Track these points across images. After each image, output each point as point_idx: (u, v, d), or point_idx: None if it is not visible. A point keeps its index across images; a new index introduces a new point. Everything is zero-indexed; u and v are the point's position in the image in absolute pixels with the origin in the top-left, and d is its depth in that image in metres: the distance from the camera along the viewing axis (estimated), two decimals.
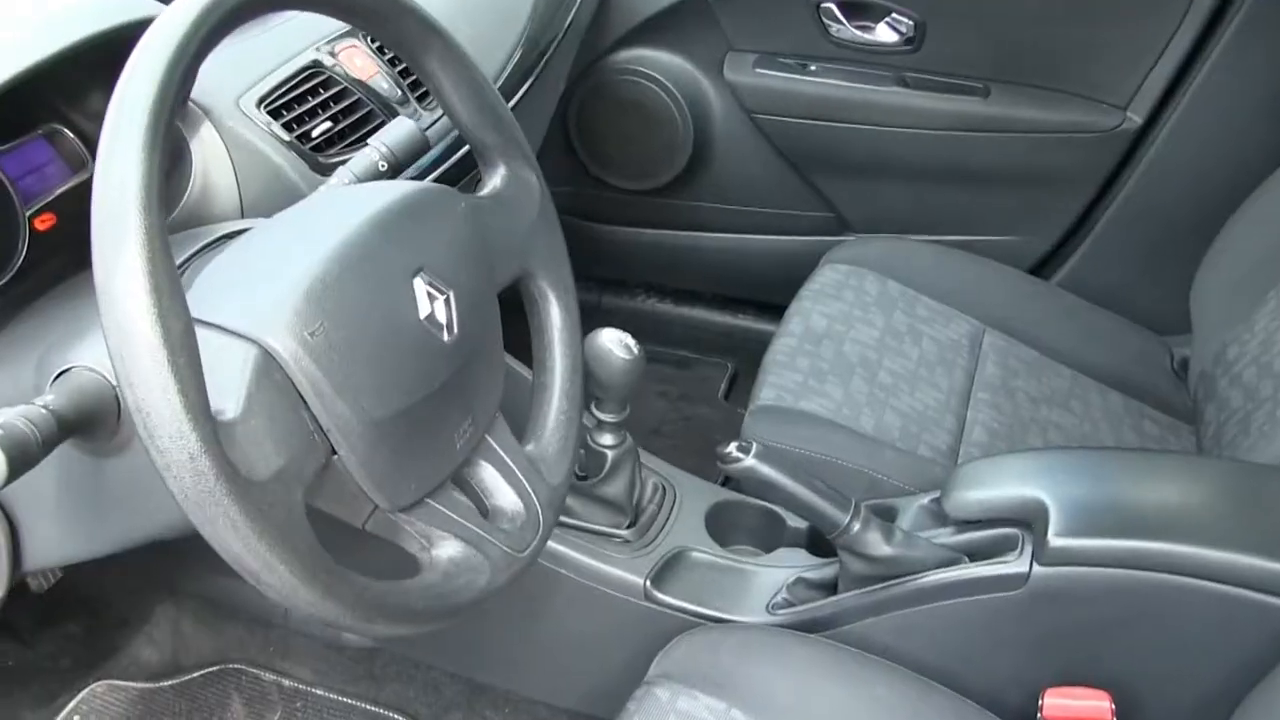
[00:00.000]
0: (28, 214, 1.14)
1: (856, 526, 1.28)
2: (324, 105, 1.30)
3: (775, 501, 1.31)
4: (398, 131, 1.14)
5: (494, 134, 1.05)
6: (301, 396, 0.82)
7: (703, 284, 2.47)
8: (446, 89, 1.01)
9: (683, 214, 2.36)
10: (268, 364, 0.81)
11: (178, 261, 0.96)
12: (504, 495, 1.01)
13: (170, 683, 1.70)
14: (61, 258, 1.15)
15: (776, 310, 1.90)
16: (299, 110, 1.28)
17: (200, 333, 0.81)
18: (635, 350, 1.38)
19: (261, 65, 1.28)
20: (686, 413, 2.34)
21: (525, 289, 1.10)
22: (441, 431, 0.93)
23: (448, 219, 0.95)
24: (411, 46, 0.99)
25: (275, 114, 1.25)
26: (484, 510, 1.01)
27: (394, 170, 1.12)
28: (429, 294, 0.90)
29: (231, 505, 0.73)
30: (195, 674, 1.71)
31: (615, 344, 1.38)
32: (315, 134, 1.27)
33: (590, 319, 1.10)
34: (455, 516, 0.94)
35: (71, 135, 1.19)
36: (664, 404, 2.37)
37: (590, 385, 1.40)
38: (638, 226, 2.41)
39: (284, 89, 1.27)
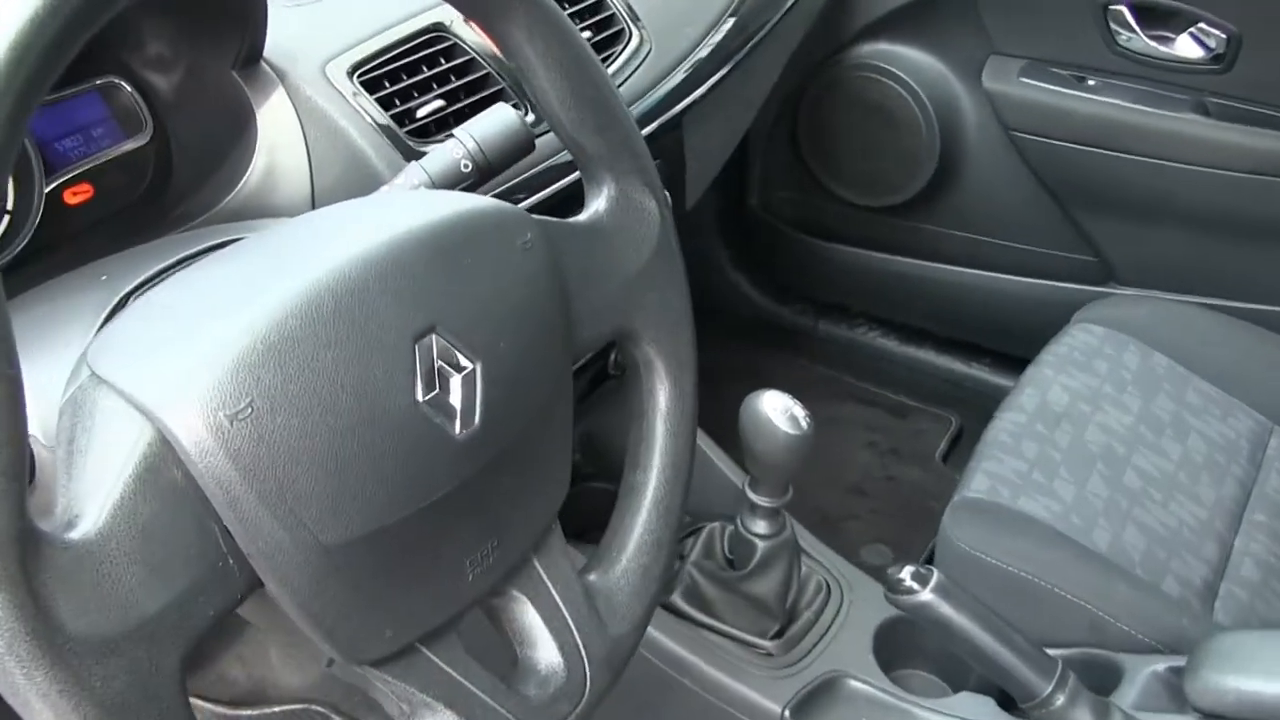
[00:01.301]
0: (57, 184, 0.94)
1: (1060, 700, 0.98)
2: (441, 79, 1.06)
3: (955, 650, 0.99)
4: (492, 121, 0.87)
5: (598, 137, 0.77)
6: (211, 507, 0.57)
7: (933, 322, 2.14)
8: (534, 67, 0.74)
9: (918, 239, 2.04)
10: (162, 456, 0.56)
11: (139, 278, 0.72)
12: (541, 645, 0.74)
13: (250, 712, 1.51)
14: (95, 240, 0.95)
15: (1017, 364, 1.60)
16: (405, 83, 1.03)
17: (92, 393, 0.57)
18: (805, 424, 1.11)
19: (364, 24, 1.04)
20: (894, 471, 2.02)
21: (625, 354, 0.82)
22: (442, 559, 0.66)
23: (496, 257, 0.68)
24: (485, 3, 0.72)
25: (371, 86, 1.01)
26: (512, 659, 0.74)
27: (481, 173, 0.86)
28: (438, 367, 0.63)
29: (32, 674, 0.49)
30: (276, 709, 1.52)
31: (780, 412, 1.10)
32: (420, 114, 1.02)
33: (802, 346, 0.81)
34: (453, 674, 0.68)
35: (130, 90, 0.98)
36: (870, 456, 2.05)
37: (746, 460, 1.13)
38: (866, 248, 2.11)
39: (387, 56, 1.03)
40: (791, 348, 2.25)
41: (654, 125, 1.23)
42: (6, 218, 0.91)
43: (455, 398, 0.64)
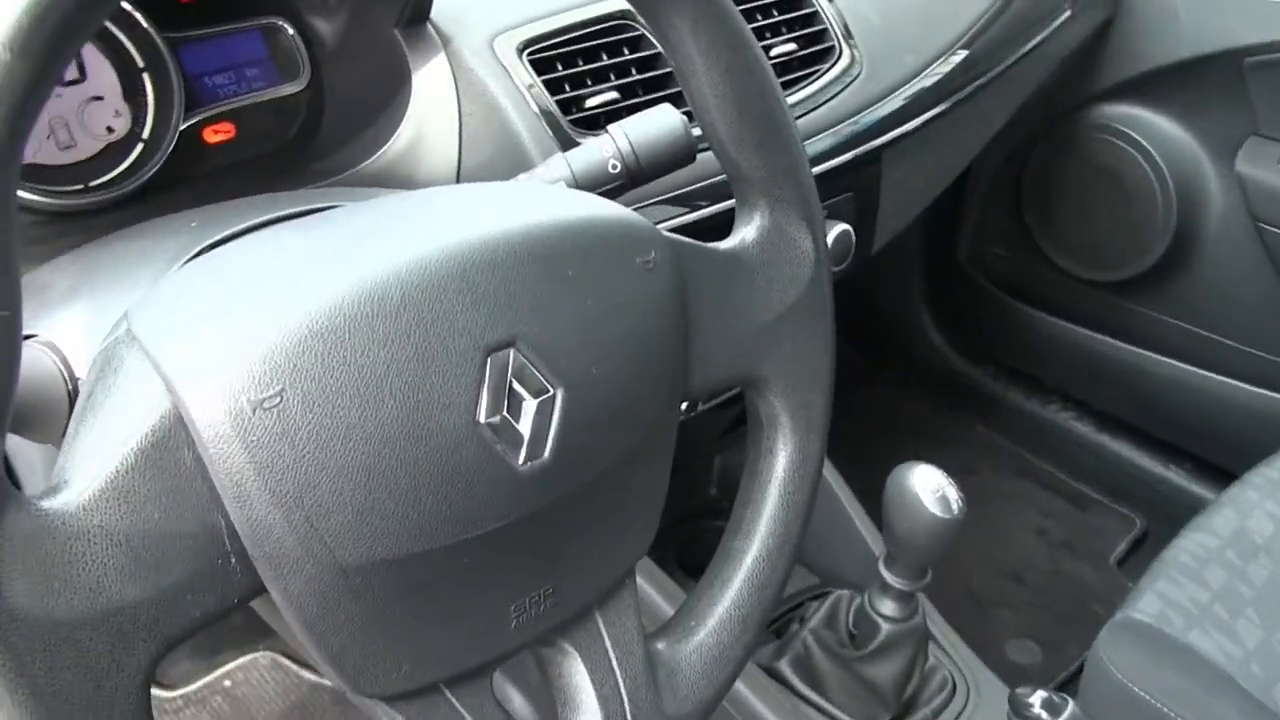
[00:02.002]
0: (197, 120, 0.89)
1: None
2: (620, 70, 0.97)
3: None
4: (651, 123, 0.78)
5: (756, 156, 0.67)
6: (219, 498, 0.50)
7: (1135, 413, 1.96)
8: (695, 66, 0.65)
9: (1134, 322, 1.86)
10: (173, 433, 0.49)
11: (224, 232, 0.66)
12: (584, 710, 0.64)
13: (196, 685, 1.48)
14: (230, 182, 0.90)
15: (1220, 477, 1.50)
16: (579, 69, 0.95)
17: (123, 349, 0.51)
18: (956, 507, 0.99)
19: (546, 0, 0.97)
20: (1063, 566, 1.86)
21: (749, 404, 0.72)
22: (482, 599, 0.57)
23: (608, 272, 0.59)
24: None
25: (540, 67, 0.93)
26: (552, 716, 0.65)
27: (630, 177, 0.77)
28: (511, 387, 0.54)
29: None
30: (229, 665, 1.48)
31: (930, 490, 0.99)
32: (590, 104, 0.94)
33: (985, 412, 0.71)
34: None
35: (292, 34, 0.93)
36: (1038, 544, 1.90)
37: (884, 534, 1.02)
38: (1075, 322, 1.95)
39: (564, 37, 0.95)
40: (973, 411, 2.10)
41: (851, 154, 1.12)
42: (140, 145, 0.87)
43: (525, 424, 0.55)
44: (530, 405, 0.55)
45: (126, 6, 0.86)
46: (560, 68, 0.94)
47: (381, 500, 0.51)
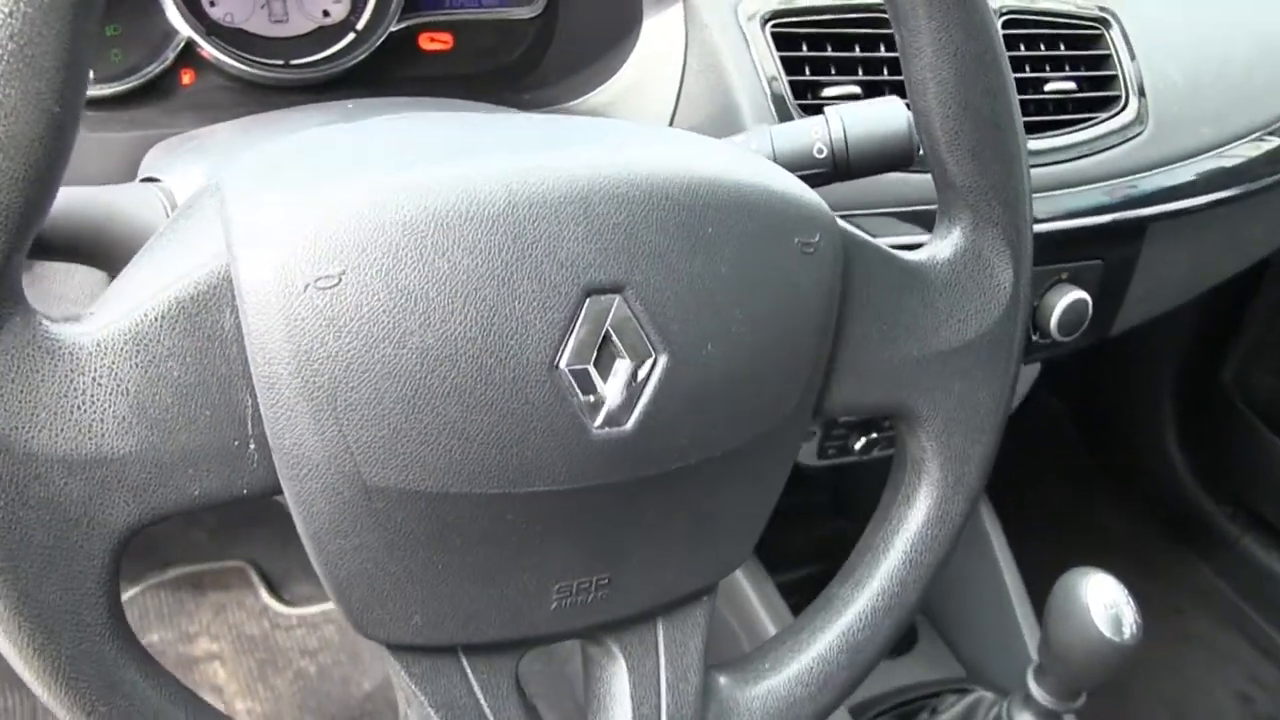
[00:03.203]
0: (413, 23, 0.86)
1: None
2: (870, 66, 0.88)
3: None
4: (874, 112, 0.69)
5: (971, 162, 0.58)
6: (249, 375, 0.44)
7: None
8: (921, 45, 0.56)
9: None
10: (219, 292, 0.44)
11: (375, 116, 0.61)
12: None
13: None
14: (436, 92, 0.86)
15: None
16: (825, 55, 0.87)
17: (207, 197, 0.47)
18: (1128, 631, 0.86)
19: None
20: None
21: (897, 438, 0.63)
22: (519, 568, 0.50)
23: (755, 242, 0.51)
24: None
25: (783, 42, 0.85)
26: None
27: (836, 167, 0.68)
28: (607, 339, 0.47)
29: None
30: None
31: (1103, 605, 0.86)
32: (827, 94, 0.86)
33: (1209, 551, 0.60)
34: (485, 708, 0.52)
35: None
36: (1236, 708, 1.70)
37: (1041, 642, 0.90)
38: None
39: (818, 18, 0.87)
40: (1197, 547, 1.90)
41: (1112, 217, 0.99)
42: (351, 35, 0.84)
43: (613, 385, 0.48)
44: (624, 365, 0.48)
45: None
46: (804, 48, 0.86)
47: (424, 423, 0.45)
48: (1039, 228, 0.95)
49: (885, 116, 0.69)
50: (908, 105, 0.63)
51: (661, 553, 0.53)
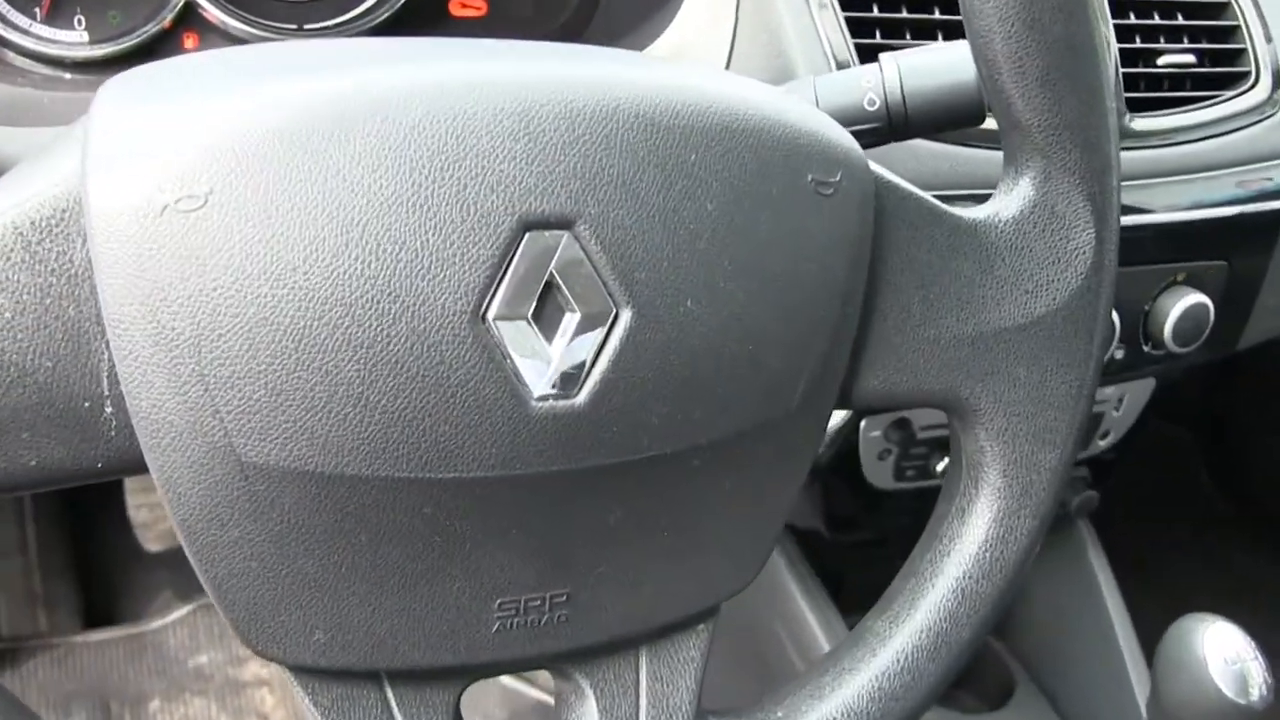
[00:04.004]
0: None
1: None
2: (953, 31, 0.78)
3: None
4: (936, 59, 0.59)
5: (1040, 93, 0.47)
6: (103, 322, 0.36)
7: None
8: None
9: None
10: (68, 218, 0.37)
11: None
12: None
13: None
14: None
15: None
16: (900, 16, 0.77)
17: (83, 123, 0.38)
18: (1256, 692, 0.74)
19: None
20: None
21: (951, 436, 0.52)
22: (444, 575, 0.41)
23: (754, 179, 0.41)
24: None
25: (851, 1, 0.75)
26: None
27: (891, 122, 0.58)
28: (548, 281, 0.38)
29: None
30: None
31: (1225, 660, 0.74)
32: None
33: None
34: None
35: None
36: None
37: (1150, 698, 0.78)
38: None
39: None
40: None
41: (1239, 209, 0.87)
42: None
43: (558, 345, 0.38)
44: (572, 320, 0.39)
45: None
46: (875, 8, 0.76)
47: (310, 385, 0.36)
48: (1151, 219, 0.83)
49: (950, 63, 0.58)
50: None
51: (633, 567, 0.44)
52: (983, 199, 0.60)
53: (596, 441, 0.40)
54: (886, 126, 0.59)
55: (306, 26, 0.75)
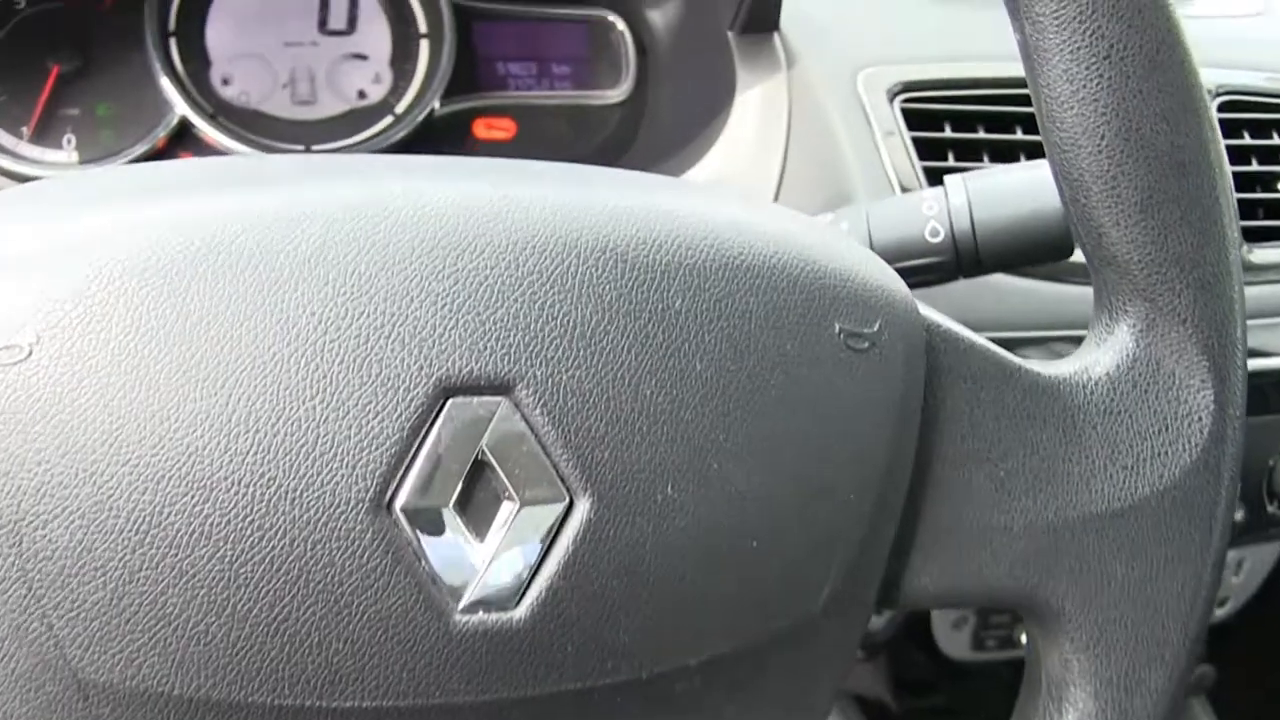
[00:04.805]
0: (470, 106, 0.72)
1: None
2: (1036, 153, 0.69)
3: None
4: (1013, 180, 0.50)
5: (1139, 222, 0.37)
6: None
7: None
8: (1051, 51, 0.37)
9: None
10: None
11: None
12: None
13: None
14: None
15: None
16: (976, 136, 0.68)
17: None
18: None
19: (951, 39, 0.71)
20: None
21: (1028, 644, 0.41)
22: None
23: (755, 324, 0.32)
24: None
25: (918, 122, 0.67)
26: None
27: (958, 258, 0.49)
28: (477, 459, 0.29)
29: None
30: None
31: None
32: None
33: None
34: None
35: (623, 30, 0.74)
36: None
37: None
38: None
39: (967, 93, 0.68)
40: None
41: None
42: (389, 119, 0.70)
43: (490, 543, 0.29)
44: (510, 509, 0.29)
45: None
46: (947, 128, 0.67)
47: (162, 587, 0.28)
48: (1273, 364, 0.72)
49: (1028, 184, 0.50)
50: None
51: None
52: (1077, 342, 0.50)
53: (545, 665, 0.30)
54: (953, 262, 0.50)
55: (315, 148, 0.69)
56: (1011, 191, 0.50)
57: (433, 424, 0.29)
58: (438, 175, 0.33)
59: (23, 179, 0.65)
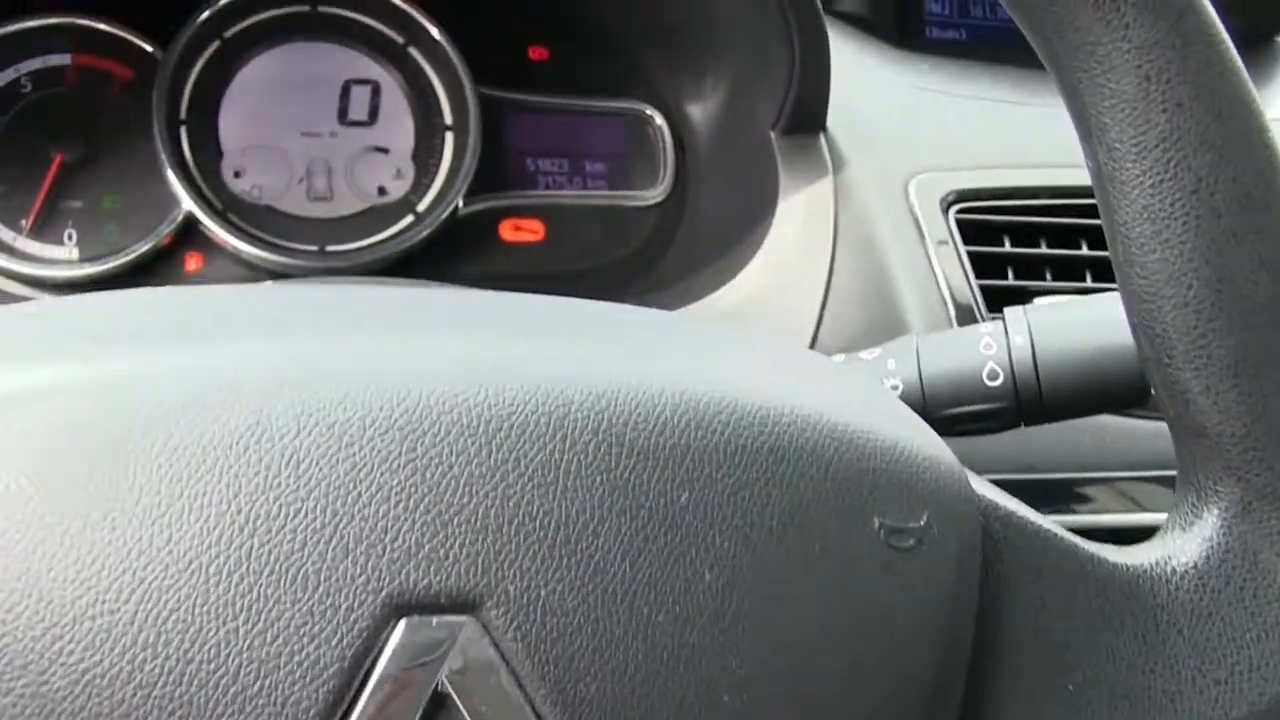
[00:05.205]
0: (495, 205, 0.68)
1: None
2: (1102, 269, 0.63)
3: None
4: (1080, 314, 0.44)
5: (1230, 388, 0.32)
6: None
7: None
8: (1129, 184, 0.32)
9: None
10: None
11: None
12: None
13: None
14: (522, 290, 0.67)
15: None
16: (1037, 252, 0.63)
17: None
18: None
19: (1011, 146, 0.66)
20: None
21: None
22: None
23: (780, 522, 0.27)
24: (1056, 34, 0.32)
25: (974, 235, 0.62)
26: None
27: (1019, 404, 0.43)
28: (433, 695, 0.24)
29: None
30: None
31: None
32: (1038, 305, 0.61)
33: None
34: None
35: (661, 125, 0.70)
36: None
37: None
38: None
39: (1026, 203, 0.63)
40: None
41: None
42: (410, 218, 0.66)
43: None
44: None
45: (447, 49, 0.66)
46: (1006, 243, 0.62)
47: None
48: None
49: (1101, 322, 0.44)
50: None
51: None
52: (1149, 483, 0.45)
53: None
54: (1013, 409, 0.45)
55: (330, 248, 0.64)
56: (1079, 330, 0.44)
57: (381, 650, 0.24)
58: (397, 324, 0.28)
59: (19, 277, 0.62)
